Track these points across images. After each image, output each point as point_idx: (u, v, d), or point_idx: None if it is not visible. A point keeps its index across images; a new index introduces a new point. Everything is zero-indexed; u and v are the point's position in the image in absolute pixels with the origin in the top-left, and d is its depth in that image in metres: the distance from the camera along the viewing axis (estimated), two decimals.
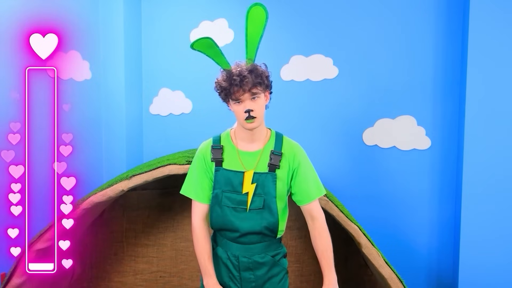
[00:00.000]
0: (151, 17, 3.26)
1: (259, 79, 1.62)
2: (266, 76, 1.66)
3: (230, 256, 1.77)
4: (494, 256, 2.72)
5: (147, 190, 2.95)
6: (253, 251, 1.75)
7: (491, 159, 2.69)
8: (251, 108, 1.61)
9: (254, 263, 1.75)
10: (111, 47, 3.10)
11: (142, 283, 3.03)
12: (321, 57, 3.02)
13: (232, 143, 1.75)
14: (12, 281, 2.07)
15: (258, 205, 1.70)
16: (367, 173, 3.03)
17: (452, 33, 2.86)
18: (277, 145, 1.74)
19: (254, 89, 1.61)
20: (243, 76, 1.59)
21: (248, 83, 1.59)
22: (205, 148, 1.78)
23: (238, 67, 1.63)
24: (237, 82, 1.59)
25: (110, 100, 3.13)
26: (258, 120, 1.64)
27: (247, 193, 1.69)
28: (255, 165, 1.71)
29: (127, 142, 3.15)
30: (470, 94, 2.69)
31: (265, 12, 1.66)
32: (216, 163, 1.73)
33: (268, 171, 1.70)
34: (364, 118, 3.01)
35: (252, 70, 1.61)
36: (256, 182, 1.69)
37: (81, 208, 2.14)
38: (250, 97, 1.62)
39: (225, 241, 1.78)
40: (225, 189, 1.72)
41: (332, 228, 2.78)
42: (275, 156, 1.71)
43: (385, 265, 2.11)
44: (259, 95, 1.63)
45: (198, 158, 1.79)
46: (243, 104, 1.62)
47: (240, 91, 1.60)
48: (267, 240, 1.77)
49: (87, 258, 2.89)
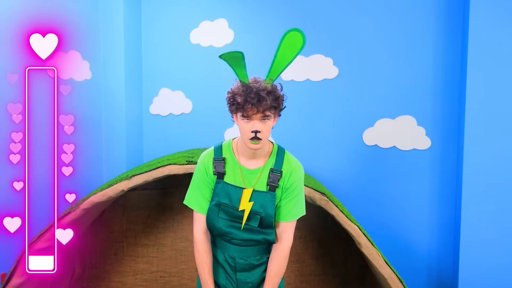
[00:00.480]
0: (151, 17, 3.26)
1: (276, 103, 1.58)
2: (282, 100, 1.63)
3: (227, 257, 1.78)
4: (494, 256, 2.71)
5: (147, 190, 2.95)
6: (250, 253, 1.76)
7: (491, 159, 2.69)
8: (260, 129, 1.57)
9: (250, 264, 1.76)
10: (111, 47, 3.09)
11: (142, 283, 3.03)
12: (321, 57, 3.02)
13: (234, 157, 1.72)
14: (12, 281, 2.07)
15: (253, 225, 1.69)
16: (367, 173, 3.03)
17: (452, 33, 2.86)
18: (278, 162, 1.70)
19: (267, 111, 1.56)
20: (261, 97, 1.53)
21: (264, 105, 1.54)
22: (206, 160, 1.75)
23: (257, 84, 1.57)
24: (254, 101, 1.53)
25: (110, 100, 3.13)
26: (263, 142, 1.61)
27: (244, 211, 1.67)
28: (255, 183, 1.69)
29: (127, 142, 3.15)
30: (470, 94, 2.69)
31: (302, 40, 1.61)
32: (218, 175, 1.71)
33: (268, 191, 1.69)
34: (364, 118, 3.01)
35: (271, 92, 1.57)
36: (254, 200, 1.67)
37: (81, 208, 2.14)
38: (261, 118, 1.57)
39: (222, 242, 1.78)
40: (223, 202, 1.71)
41: (332, 228, 2.79)
42: (274, 175, 1.68)
43: (385, 265, 2.11)
44: (270, 118, 1.60)
45: (199, 170, 1.76)
46: (251, 123, 1.57)
47: (254, 110, 1.55)
48: (264, 243, 1.77)
49: (87, 258, 2.89)
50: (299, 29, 1.62)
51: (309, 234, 2.95)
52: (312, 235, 2.94)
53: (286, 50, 1.61)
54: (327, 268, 2.94)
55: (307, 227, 2.94)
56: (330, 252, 2.94)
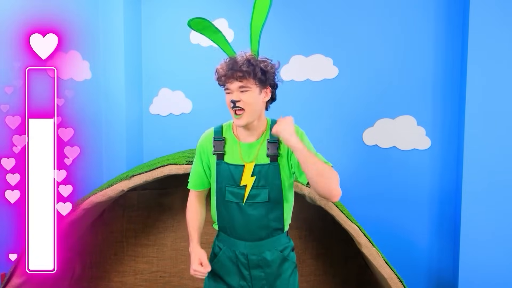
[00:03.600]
0: (151, 17, 3.26)
1: (252, 69, 1.54)
2: (265, 70, 1.58)
3: (239, 254, 1.73)
4: (494, 256, 2.72)
5: (147, 190, 2.96)
6: (262, 247, 1.71)
7: (491, 159, 2.69)
8: (237, 99, 1.55)
9: (263, 260, 1.72)
10: (111, 47, 3.10)
11: (142, 283, 3.03)
12: (321, 57, 3.02)
13: (234, 134, 1.71)
14: (12, 281, 2.07)
15: (263, 199, 1.65)
16: (367, 173, 3.03)
17: (452, 33, 2.86)
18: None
19: (242, 79, 1.54)
20: (236, 65, 1.54)
21: (239, 73, 1.53)
22: (206, 139, 1.74)
23: (239, 56, 1.60)
24: (227, 69, 1.55)
25: (110, 100, 3.13)
26: (246, 115, 1.58)
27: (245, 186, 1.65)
28: (255, 156, 1.66)
29: (127, 142, 3.15)
30: (470, 94, 2.69)
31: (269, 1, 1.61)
32: (218, 156, 1.69)
33: (270, 162, 1.65)
34: (364, 118, 3.01)
35: (249, 60, 1.56)
36: (257, 175, 1.65)
37: (81, 208, 2.14)
38: (239, 89, 1.56)
39: (232, 239, 1.74)
40: (228, 183, 1.68)
41: (332, 228, 2.79)
42: (271, 145, 1.65)
43: (385, 265, 2.11)
44: (249, 88, 1.56)
45: (198, 151, 1.77)
46: (231, 94, 1.57)
47: (230, 80, 1.55)
48: (275, 235, 1.72)
49: (87, 258, 2.89)
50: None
51: (309, 234, 2.95)
52: (312, 235, 2.94)
53: (258, 16, 1.62)
54: (327, 268, 2.94)
55: (307, 227, 2.94)
56: (330, 252, 2.94)
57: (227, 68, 1.57)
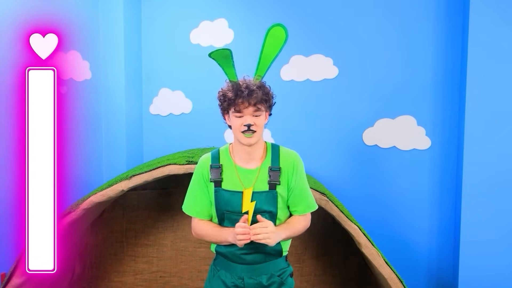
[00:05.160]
0: (151, 17, 3.26)
1: (266, 97, 1.62)
2: (271, 97, 1.67)
3: (235, 278, 1.72)
4: (494, 256, 2.71)
5: (147, 190, 2.96)
6: (259, 271, 1.71)
7: (491, 159, 2.69)
8: (252, 123, 1.60)
9: (259, 284, 1.71)
10: (111, 47, 3.10)
11: (142, 283, 3.03)
12: (321, 57, 3.02)
13: (231, 159, 1.72)
14: (12, 281, 2.07)
15: None
16: (367, 173, 3.03)
17: (452, 33, 2.86)
18: (274, 159, 1.69)
19: (259, 104, 1.60)
20: (251, 90, 1.58)
21: (255, 98, 1.58)
22: (203, 166, 1.73)
23: (246, 81, 1.62)
24: (244, 94, 1.57)
25: (110, 100, 3.13)
26: (256, 135, 1.63)
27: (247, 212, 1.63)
28: (254, 182, 1.67)
29: (127, 142, 3.15)
30: (470, 94, 2.69)
31: (285, 34, 1.65)
32: (215, 183, 1.69)
33: (269, 190, 1.67)
34: (364, 118, 3.01)
35: (260, 86, 1.62)
36: (257, 200, 1.64)
37: (81, 208, 2.14)
38: (253, 113, 1.60)
39: (229, 263, 1.73)
40: (226, 210, 1.68)
41: (332, 228, 2.79)
42: (273, 173, 1.67)
43: (385, 265, 2.11)
44: (261, 113, 1.63)
45: (197, 176, 1.75)
46: (243, 118, 1.61)
47: (245, 104, 1.59)
48: (272, 259, 1.72)
49: (87, 258, 2.90)
50: (281, 24, 1.65)
51: (309, 234, 2.95)
52: (312, 235, 2.94)
53: (270, 46, 1.65)
54: (327, 268, 2.94)
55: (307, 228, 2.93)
56: (330, 252, 2.94)
57: (240, 93, 1.59)
